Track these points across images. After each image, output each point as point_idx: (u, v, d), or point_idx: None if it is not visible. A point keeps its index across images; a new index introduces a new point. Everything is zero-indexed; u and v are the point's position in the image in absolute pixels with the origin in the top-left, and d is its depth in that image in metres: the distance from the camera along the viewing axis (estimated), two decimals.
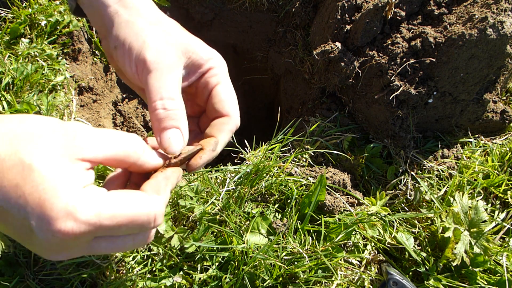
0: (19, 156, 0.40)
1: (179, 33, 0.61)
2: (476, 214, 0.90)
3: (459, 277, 0.89)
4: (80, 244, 0.43)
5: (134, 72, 0.57)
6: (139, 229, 0.46)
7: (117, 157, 0.48)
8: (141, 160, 0.50)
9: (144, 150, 0.51)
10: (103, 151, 0.46)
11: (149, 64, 0.55)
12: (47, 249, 0.42)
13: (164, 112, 0.53)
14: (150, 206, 0.46)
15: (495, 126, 1.15)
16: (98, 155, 0.45)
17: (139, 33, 0.57)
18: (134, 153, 0.49)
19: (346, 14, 1.17)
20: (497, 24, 0.96)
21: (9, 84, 1.10)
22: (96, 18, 0.61)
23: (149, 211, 0.46)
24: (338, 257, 0.87)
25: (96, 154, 0.45)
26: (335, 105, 1.22)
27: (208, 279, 0.85)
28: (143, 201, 0.46)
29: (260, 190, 0.98)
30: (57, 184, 0.40)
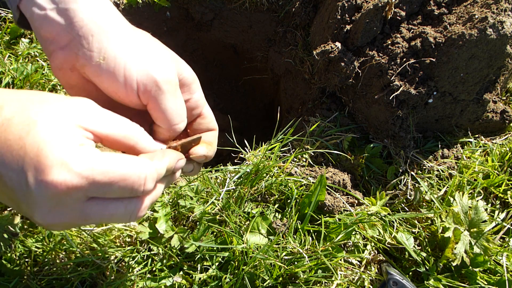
0: (27, 113, 0.43)
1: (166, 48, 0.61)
2: (476, 214, 0.90)
3: (459, 277, 0.89)
4: (73, 202, 0.44)
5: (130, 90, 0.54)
6: (130, 190, 0.47)
7: (118, 137, 0.50)
8: (140, 144, 0.52)
9: (144, 135, 0.53)
10: (106, 127, 0.48)
11: (161, 85, 0.54)
12: (40, 205, 0.43)
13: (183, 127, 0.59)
14: (141, 167, 0.48)
15: (495, 126, 1.15)
16: (101, 130, 0.48)
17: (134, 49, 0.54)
18: (134, 136, 0.51)
19: (346, 14, 1.17)
20: (497, 24, 0.96)
21: (9, 84, 1.10)
22: (51, 25, 0.53)
23: (140, 171, 0.47)
24: (338, 257, 0.87)
25: (99, 128, 0.47)
26: (335, 105, 1.22)
27: (208, 279, 0.85)
28: (135, 162, 0.48)
29: (260, 190, 0.98)
30: (56, 138, 0.43)
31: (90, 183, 0.43)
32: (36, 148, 0.42)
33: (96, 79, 0.54)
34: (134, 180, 0.47)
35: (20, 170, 0.42)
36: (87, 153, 0.44)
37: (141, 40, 0.57)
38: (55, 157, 0.42)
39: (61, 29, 0.53)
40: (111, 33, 0.54)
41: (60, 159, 0.42)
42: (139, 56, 0.54)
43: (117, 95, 0.55)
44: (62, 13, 0.52)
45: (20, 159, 0.42)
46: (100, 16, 0.54)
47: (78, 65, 0.54)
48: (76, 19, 0.52)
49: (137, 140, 0.52)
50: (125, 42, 0.54)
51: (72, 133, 0.44)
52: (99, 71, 0.53)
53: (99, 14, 0.54)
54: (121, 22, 0.57)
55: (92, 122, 0.47)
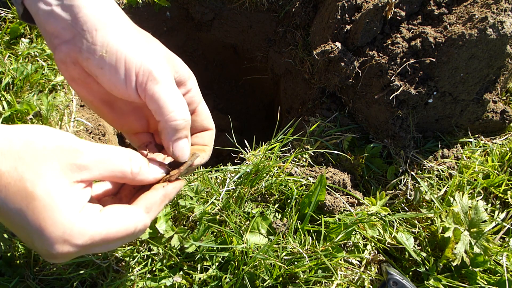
0: (23, 183, 0.44)
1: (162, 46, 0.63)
2: (476, 214, 0.90)
3: (459, 277, 0.89)
4: (77, 255, 0.49)
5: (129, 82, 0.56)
6: (127, 239, 0.53)
7: (114, 176, 0.52)
8: (137, 179, 0.55)
9: (141, 168, 0.55)
10: (99, 172, 0.50)
11: (156, 75, 0.55)
12: (47, 258, 0.48)
13: (184, 122, 0.57)
14: (137, 223, 0.52)
15: (495, 126, 1.15)
16: (95, 175, 0.50)
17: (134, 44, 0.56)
18: (131, 173, 0.54)
19: (346, 14, 1.17)
20: (497, 24, 0.96)
21: (9, 84, 1.10)
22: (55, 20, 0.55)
23: (135, 228, 0.52)
24: (338, 257, 0.87)
25: (93, 175, 0.49)
26: (335, 105, 1.22)
27: (208, 279, 0.85)
28: (131, 220, 0.52)
29: (260, 190, 0.98)
30: (56, 212, 0.45)
31: (91, 246, 0.49)
32: (38, 225, 0.45)
33: (98, 71, 0.56)
34: (131, 235, 0.52)
35: (26, 235, 0.46)
36: (87, 221, 0.47)
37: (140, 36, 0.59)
38: (57, 237, 0.45)
39: (66, 24, 0.55)
40: (113, 29, 0.56)
41: (62, 238, 0.46)
42: (138, 50, 0.56)
43: (116, 88, 0.57)
44: (67, 9, 0.55)
45: (24, 230, 0.46)
46: (103, 12, 0.56)
47: (81, 58, 0.56)
48: (81, 14, 0.54)
49: (135, 175, 0.54)
50: (126, 38, 0.56)
51: (69, 197, 0.47)
52: (102, 63, 0.55)
53: (102, 11, 0.56)
54: (123, 19, 0.59)
55: (85, 172, 0.49)
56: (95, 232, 0.48)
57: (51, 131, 0.48)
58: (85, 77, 0.60)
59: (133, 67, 0.55)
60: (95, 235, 0.48)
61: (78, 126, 1.17)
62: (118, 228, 0.50)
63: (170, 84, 0.57)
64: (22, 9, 0.60)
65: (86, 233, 0.47)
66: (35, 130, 0.48)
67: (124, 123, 0.68)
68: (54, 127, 1.09)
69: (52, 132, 0.48)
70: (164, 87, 0.56)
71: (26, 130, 0.47)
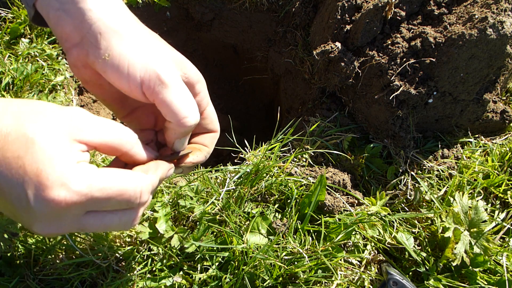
0: (24, 130, 0.44)
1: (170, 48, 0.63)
2: (476, 214, 0.90)
3: (459, 277, 0.89)
4: (71, 216, 0.47)
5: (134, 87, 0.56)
6: (126, 204, 0.50)
7: (111, 144, 0.52)
8: (133, 151, 0.55)
9: (137, 142, 0.55)
10: (99, 136, 0.50)
11: (164, 79, 0.55)
12: (40, 219, 0.46)
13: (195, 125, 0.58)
14: (136, 181, 0.50)
15: (495, 126, 1.15)
16: (95, 139, 0.49)
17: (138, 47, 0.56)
18: (127, 142, 0.53)
19: (346, 14, 1.17)
20: (497, 24, 0.96)
21: (9, 84, 1.10)
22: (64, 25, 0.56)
23: (135, 186, 0.50)
24: (338, 257, 0.87)
25: (93, 138, 0.49)
26: (335, 105, 1.22)
27: (208, 279, 0.85)
28: (131, 177, 0.50)
29: (260, 190, 0.98)
30: (54, 157, 0.44)
31: (89, 199, 0.46)
32: (35, 168, 0.43)
33: (103, 75, 0.57)
34: (131, 195, 0.50)
35: (20, 187, 0.44)
36: (85, 171, 0.46)
37: (147, 39, 0.59)
38: (54, 177, 0.44)
39: (74, 27, 0.56)
40: (118, 32, 0.56)
41: (60, 180, 0.44)
42: (144, 54, 0.56)
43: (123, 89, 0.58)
44: (76, 13, 0.55)
45: (20, 177, 0.44)
46: (109, 15, 0.56)
47: (89, 61, 0.57)
48: (86, 17, 0.55)
49: (131, 146, 0.54)
50: (131, 41, 0.56)
51: (68, 149, 0.46)
52: (105, 67, 0.55)
53: (108, 13, 0.56)
54: (130, 21, 0.59)
55: (85, 133, 0.49)
56: (94, 180, 0.46)
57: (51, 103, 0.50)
58: (97, 78, 0.60)
59: (137, 72, 0.55)
60: (93, 184, 0.46)
61: None
62: (118, 180, 0.48)
63: (180, 87, 0.57)
64: (33, 12, 0.60)
65: (85, 178, 0.45)
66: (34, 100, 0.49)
67: (134, 119, 0.69)
68: None
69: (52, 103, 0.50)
70: (174, 91, 0.55)
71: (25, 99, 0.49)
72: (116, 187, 0.48)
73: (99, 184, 0.46)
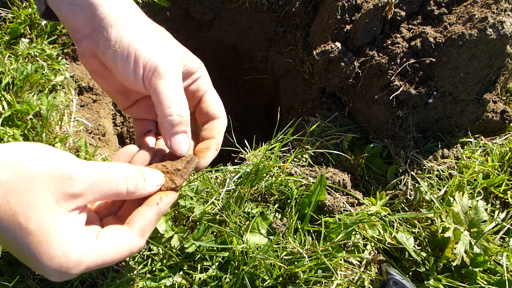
0: (17, 218, 0.44)
1: (174, 41, 0.65)
2: (476, 214, 0.90)
3: (459, 277, 0.89)
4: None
5: (139, 75, 0.59)
6: (121, 260, 0.56)
7: (109, 198, 0.53)
8: (134, 197, 0.56)
9: (137, 186, 0.55)
10: (95, 196, 0.50)
11: (160, 70, 0.58)
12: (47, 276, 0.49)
13: (178, 118, 0.59)
14: (132, 248, 0.53)
15: (495, 126, 1.15)
16: (90, 200, 0.50)
17: (145, 39, 0.59)
18: (127, 192, 0.54)
19: (346, 14, 1.17)
20: (497, 24, 0.96)
21: (9, 84, 1.10)
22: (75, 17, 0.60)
23: (130, 252, 0.53)
24: (338, 257, 0.87)
25: (88, 200, 0.49)
26: (335, 105, 1.22)
27: (208, 279, 0.85)
28: (127, 245, 0.53)
29: (260, 190, 0.98)
30: (51, 248, 0.46)
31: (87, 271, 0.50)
32: (34, 260, 0.46)
33: (112, 65, 0.60)
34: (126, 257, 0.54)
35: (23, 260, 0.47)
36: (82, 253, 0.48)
37: (153, 32, 0.62)
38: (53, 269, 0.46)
39: (86, 20, 0.60)
40: (127, 25, 0.59)
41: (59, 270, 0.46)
42: (148, 45, 0.59)
43: (128, 80, 0.60)
44: (88, 7, 0.59)
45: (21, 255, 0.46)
46: (120, 9, 0.60)
47: (99, 52, 0.60)
48: (99, 11, 0.59)
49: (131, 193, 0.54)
50: (137, 33, 0.60)
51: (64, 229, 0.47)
52: (115, 57, 0.59)
53: (119, 8, 0.60)
54: (138, 15, 0.63)
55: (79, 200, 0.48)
56: (91, 262, 0.49)
57: (41, 152, 0.48)
58: (103, 69, 0.64)
59: (141, 60, 0.58)
60: (91, 264, 0.49)
61: (78, 126, 1.17)
62: (113, 254, 0.51)
63: (173, 79, 0.59)
64: (44, 8, 0.64)
65: (82, 264, 0.48)
66: (25, 152, 0.46)
67: (135, 109, 0.72)
68: (54, 127, 1.09)
69: (43, 154, 0.47)
70: (166, 82, 0.58)
71: (16, 152, 0.46)
72: (113, 259, 0.51)
73: (97, 262, 0.49)
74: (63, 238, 0.46)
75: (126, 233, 0.53)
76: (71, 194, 0.47)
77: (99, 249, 0.50)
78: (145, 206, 0.56)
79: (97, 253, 0.49)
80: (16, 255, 0.47)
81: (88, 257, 0.48)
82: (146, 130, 0.71)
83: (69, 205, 0.47)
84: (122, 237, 0.53)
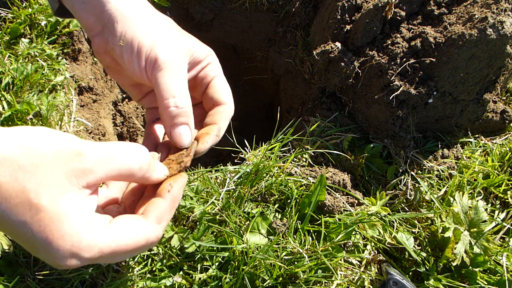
0: (26, 195, 0.42)
1: (180, 32, 0.65)
2: (476, 214, 0.90)
3: (459, 277, 0.89)
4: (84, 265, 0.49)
5: (142, 68, 0.59)
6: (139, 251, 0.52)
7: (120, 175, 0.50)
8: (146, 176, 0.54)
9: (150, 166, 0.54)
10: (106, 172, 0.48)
11: (160, 62, 0.58)
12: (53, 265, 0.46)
13: (176, 110, 0.58)
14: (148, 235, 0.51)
15: (495, 126, 1.15)
16: (101, 177, 0.48)
17: (148, 32, 0.59)
18: (139, 170, 0.52)
19: (346, 14, 1.17)
20: (497, 24, 0.96)
21: (9, 84, 1.10)
22: (88, 16, 0.61)
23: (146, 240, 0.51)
24: (338, 257, 0.87)
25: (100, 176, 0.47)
26: (335, 105, 1.22)
27: (208, 279, 0.85)
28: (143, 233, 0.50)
29: (260, 190, 0.98)
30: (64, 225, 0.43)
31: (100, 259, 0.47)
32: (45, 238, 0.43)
33: (120, 60, 0.61)
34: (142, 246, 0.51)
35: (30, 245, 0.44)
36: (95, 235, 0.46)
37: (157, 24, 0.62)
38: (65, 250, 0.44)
39: (96, 18, 0.61)
40: (132, 19, 0.60)
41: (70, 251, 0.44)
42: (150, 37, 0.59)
43: (135, 75, 0.61)
44: (96, 4, 0.60)
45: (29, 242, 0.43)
46: (125, 4, 0.60)
47: (109, 48, 0.61)
48: (106, 8, 0.59)
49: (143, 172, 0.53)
50: (141, 26, 0.60)
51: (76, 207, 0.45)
52: (121, 52, 0.60)
53: (124, 3, 0.60)
54: (143, 8, 0.63)
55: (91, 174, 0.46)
56: (105, 245, 0.46)
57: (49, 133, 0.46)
58: (116, 65, 0.65)
59: (143, 52, 0.58)
60: (104, 248, 0.46)
61: (78, 126, 1.17)
62: (128, 241, 0.49)
63: (173, 71, 0.59)
64: (58, 5, 0.65)
65: (95, 246, 0.45)
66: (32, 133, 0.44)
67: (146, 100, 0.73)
68: (54, 127, 1.09)
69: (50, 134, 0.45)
70: (165, 74, 0.58)
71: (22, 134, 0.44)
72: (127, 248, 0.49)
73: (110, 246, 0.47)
74: (76, 216, 0.44)
75: (141, 220, 0.51)
76: (81, 169, 0.45)
77: (113, 233, 0.48)
78: (157, 197, 0.55)
79: (111, 236, 0.47)
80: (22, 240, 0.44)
81: (102, 240, 0.46)
82: (155, 118, 0.72)
83: (79, 181, 0.45)
84: (137, 224, 0.51)
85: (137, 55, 0.58)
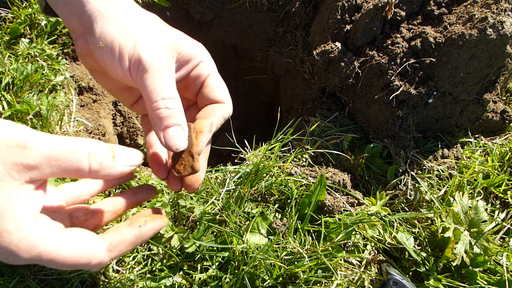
0: None
1: (165, 29, 0.60)
2: (476, 214, 0.90)
3: (459, 277, 0.89)
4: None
5: (126, 71, 0.55)
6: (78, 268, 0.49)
7: (68, 175, 0.47)
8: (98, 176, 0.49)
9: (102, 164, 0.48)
10: (52, 170, 0.45)
11: (145, 63, 0.54)
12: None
13: (167, 111, 0.53)
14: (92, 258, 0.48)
15: (495, 126, 1.15)
16: (47, 174, 0.45)
17: (128, 31, 0.55)
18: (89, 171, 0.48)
19: (346, 14, 1.17)
20: (497, 24, 0.96)
21: (9, 84, 1.10)
22: (70, 16, 0.57)
23: (88, 263, 0.48)
24: (338, 257, 0.87)
25: (45, 173, 0.45)
26: (335, 105, 1.22)
27: (208, 279, 0.85)
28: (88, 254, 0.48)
29: (260, 190, 0.98)
30: (2, 219, 0.41)
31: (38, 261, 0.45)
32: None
33: (101, 62, 0.57)
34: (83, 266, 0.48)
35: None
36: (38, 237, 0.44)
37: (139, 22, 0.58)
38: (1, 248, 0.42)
39: (77, 19, 0.57)
40: (111, 19, 0.56)
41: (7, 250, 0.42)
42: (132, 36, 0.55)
43: (119, 77, 0.57)
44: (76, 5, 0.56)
45: None
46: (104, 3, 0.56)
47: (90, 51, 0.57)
48: (86, 8, 0.56)
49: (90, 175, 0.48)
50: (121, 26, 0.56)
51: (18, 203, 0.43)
52: (101, 54, 0.56)
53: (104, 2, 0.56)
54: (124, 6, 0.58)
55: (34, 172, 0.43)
56: (45, 250, 0.44)
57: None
58: (100, 67, 0.60)
59: (126, 54, 0.54)
60: (43, 254, 0.44)
61: (78, 126, 1.17)
62: (69, 255, 0.46)
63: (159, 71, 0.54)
64: (44, 3, 0.62)
65: (35, 249, 0.43)
66: None
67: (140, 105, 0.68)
68: (54, 127, 1.09)
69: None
70: (151, 75, 0.54)
71: None
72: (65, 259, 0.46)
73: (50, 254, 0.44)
74: (17, 212, 0.42)
75: (94, 240, 0.49)
76: (24, 165, 0.42)
77: (58, 240, 0.45)
78: (126, 224, 0.52)
79: (55, 243, 0.45)
80: None
81: (44, 244, 0.44)
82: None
83: (21, 176, 0.42)
84: (89, 242, 0.48)
85: (119, 57, 0.54)
